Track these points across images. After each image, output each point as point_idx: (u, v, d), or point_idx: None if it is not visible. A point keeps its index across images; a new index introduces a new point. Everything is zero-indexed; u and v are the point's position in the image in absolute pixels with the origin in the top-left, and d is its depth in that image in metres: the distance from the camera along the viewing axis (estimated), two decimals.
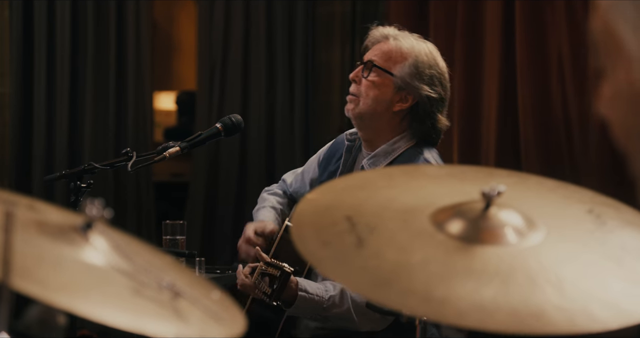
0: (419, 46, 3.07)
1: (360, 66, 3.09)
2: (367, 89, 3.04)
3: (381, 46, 3.08)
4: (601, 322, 1.43)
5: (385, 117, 3.05)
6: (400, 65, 3.03)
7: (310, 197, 1.74)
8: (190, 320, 1.36)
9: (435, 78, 3.04)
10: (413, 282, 1.47)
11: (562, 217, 1.67)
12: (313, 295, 2.87)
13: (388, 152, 3.04)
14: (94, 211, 1.39)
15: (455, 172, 1.90)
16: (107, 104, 5.96)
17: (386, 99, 3.04)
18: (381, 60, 3.05)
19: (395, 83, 3.03)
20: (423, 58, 3.04)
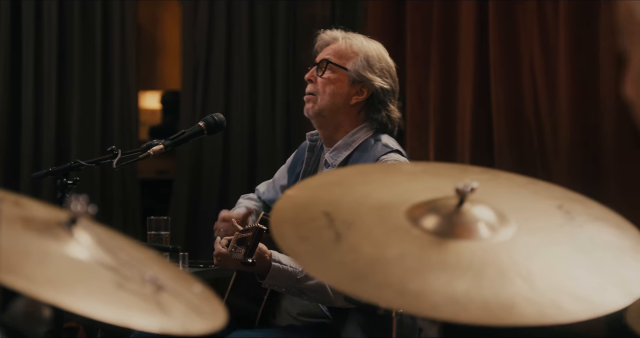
0: (367, 43, 3.15)
1: (314, 67, 3.14)
2: (323, 85, 3.09)
3: (332, 46, 3.15)
4: (570, 313, 1.44)
5: (344, 111, 3.10)
6: (353, 61, 3.09)
7: (290, 194, 1.74)
8: (173, 313, 1.36)
9: (385, 70, 3.11)
10: (389, 276, 1.47)
11: (532, 213, 1.68)
12: (287, 266, 2.88)
13: (348, 144, 3.08)
14: (78, 207, 1.39)
15: (429, 168, 1.90)
16: (94, 103, 5.94)
17: (343, 93, 3.09)
18: (334, 58, 3.11)
19: (350, 77, 3.08)
20: (372, 53, 3.11)
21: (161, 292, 1.39)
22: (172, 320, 1.34)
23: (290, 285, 2.90)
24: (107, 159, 2.96)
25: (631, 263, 1.57)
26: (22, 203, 1.47)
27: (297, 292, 2.93)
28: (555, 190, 1.79)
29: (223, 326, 1.46)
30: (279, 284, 2.90)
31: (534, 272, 1.50)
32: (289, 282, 2.89)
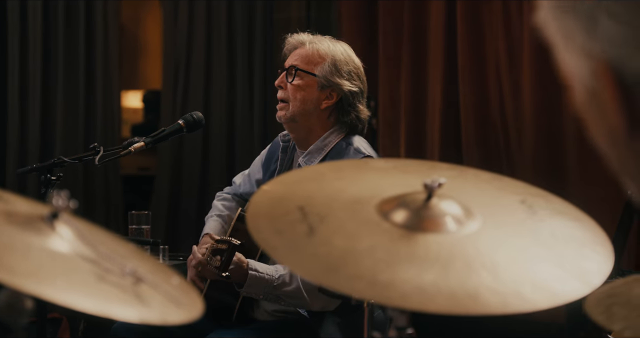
0: (334, 46, 3.10)
1: (283, 73, 3.10)
2: (294, 92, 3.06)
3: (299, 51, 3.10)
4: (532, 302, 1.44)
5: (315, 115, 3.08)
6: (321, 66, 3.06)
7: (265, 189, 1.74)
8: (152, 304, 1.36)
9: (352, 73, 3.08)
10: (360, 268, 1.47)
11: (497, 207, 1.68)
12: (263, 274, 2.87)
13: (320, 148, 3.06)
14: (59, 202, 1.38)
15: (399, 165, 1.90)
16: (77, 101, 5.92)
17: (313, 98, 3.06)
18: (302, 64, 3.07)
19: (319, 82, 3.05)
20: (340, 56, 3.07)
21: (140, 283, 1.38)
22: (151, 310, 1.34)
23: (267, 292, 2.90)
24: (89, 156, 2.95)
25: (590, 255, 1.58)
26: (5, 198, 1.46)
27: (274, 298, 2.93)
28: (518, 186, 1.79)
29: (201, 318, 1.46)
30: (257, 292, 2.90)
31: (498, 263, 1.50)
32: (266, 289, 2.89)
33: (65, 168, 2.91)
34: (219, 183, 6.10)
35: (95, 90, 5.98)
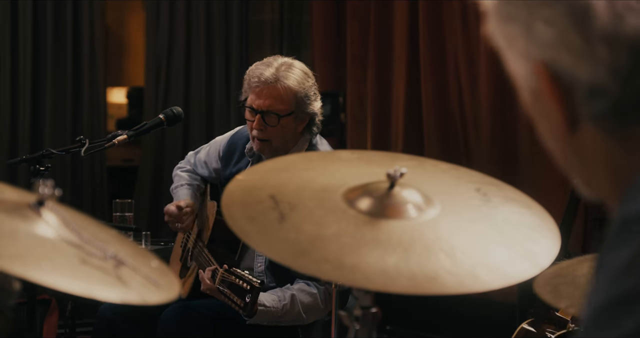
0: (298, 74, 2.96)
1: (258, 115, 2.95)
2: (275, 133, 2.96)
3: (272, 93, 2.93)
4: (486, 283, 1.45)
5: (291, 139, 3.03)
6: (293, 101, 2.94)
7: (240, 178, 1.73)
8: (132, 285, 1.35)
9: (314, 88, 3.00)
10: (327, 252, 1.47)
11: (454, 195, 1.69)
12: (270, 308, 2.86)
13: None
14: (45, 190, 1.37)
15: (364, 156, 1.90)
16: (65, 97, 5.88)
17: (291, 129, 2.99)
18: (280, 106, 2.93)
19: (295, 116, 2.97)
20: (305, 83, 2.96)
21: (121, 266, 1.37)
22: (132, 291, 1.33)
23: (272, 321, 2.91)
24: (76, 148, 2.92)
25: (539, 239, 1.59)
26: None
27: (277, 323, 2.94)
28: (474, 175, 1.80)
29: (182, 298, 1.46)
30: (262, 322, 2.90)
31: (455, 247, 1.51)
32: (272, 320, 2.91)
33: (53, 159, 2.89)
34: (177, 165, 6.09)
35: (82, 86, 5.95)
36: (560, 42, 0.92)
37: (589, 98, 0.92)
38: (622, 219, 0.85)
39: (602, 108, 0.91)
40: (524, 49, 0.96)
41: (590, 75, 0.91)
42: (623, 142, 0.93)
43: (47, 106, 5.80)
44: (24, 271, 1.21)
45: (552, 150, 1.01)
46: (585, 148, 0.96)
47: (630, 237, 0.82)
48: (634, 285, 0.80)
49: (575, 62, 0.91)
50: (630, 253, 0.81)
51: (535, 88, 0.97)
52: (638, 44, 0.89)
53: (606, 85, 0.90)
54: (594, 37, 0.90)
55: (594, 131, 0.94)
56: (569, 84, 0.93)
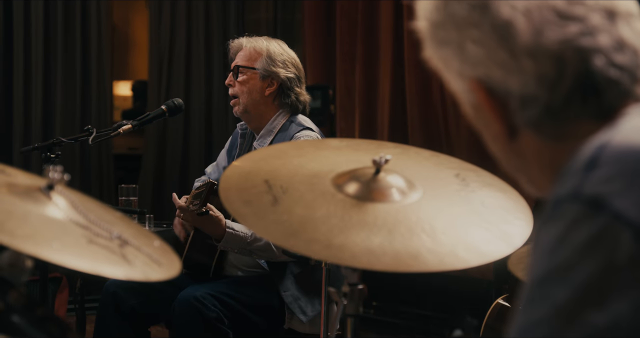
0: (268, 42, 3.11)
1: (230, 73, 3.12)
2: (241, 86, 3.07)
3: (240, 53, 3.11)
4: (464, 261, 1.45)
5: (262, 102, 3.07)
6: (259, 60, 3.06)
7: (236, 164, 1.73)
8: (135, 263, 1.35)
9: (287, 62, 3.08)
10: (317, 233, 1.47)
11: (435, 180, 1.69)
12: (238, 232, 2.87)
13: (270, 130, 3.07)
14: (55, 175, 1.36)
15: (351, 144, 1.90)
16: (74, 90, 5.86)
17: (257, 88, 3.06)
18: (243, 62, 3.08)
19: (259, 74, 3.06)
20: (273, 49, 3.08)
21: (126, 246, 1.37)
22: (135, 269, 1.33)
23: (242, 247, 2.90)
24: (84, 137, 2.91)
25: (513, 221, 1.59)
26: (8, 171, 1.44)
27: (248, 252, 2.93)
28: (453, 162, 1.80)
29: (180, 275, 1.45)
30: (232, 246, 2.90)
31: (436, 228, 1.51)
32: (241, 245, 2.89)
33: (63, 147, 2.88)
34: (198, 160, 6.10)
35: (90, 80, 5.93)
36: (489, 59, 0.94)
37: (522, 106, 0.94)
38: (552, 200, 0.86)
39: (535, 114, 0.93)
40: (459, 69, 0.99)
41: (520, 86, 0.93)
42: (559, 143, 0.95)
43: (57, 98, 5.78)
44: (35, 250, 1.21)
45: (497, 156, 1.03)
46: (525, 151, 0.98)
47: (560, 214, 0.83)
48: (564, 256, 0.81)
49: (505, 75, 0.93)
50: (560, 228, 0.82)
51: (474, 102, 0.99)
52: (559, 53, 0.91)
53: (536, 94, 0.92)
54: (518, 52, 0.92)
55: (532, 136, 0.96)
56: (503, 96, 0.95)
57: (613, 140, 0.86)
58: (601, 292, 0.79)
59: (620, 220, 0.79)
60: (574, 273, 0.80)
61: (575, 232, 0.81)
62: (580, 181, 0.83)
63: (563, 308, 0.80)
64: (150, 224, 3.58)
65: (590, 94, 0.91)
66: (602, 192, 0.81)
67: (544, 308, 0.81)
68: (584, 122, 0.93)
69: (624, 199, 0.80)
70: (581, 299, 0.79)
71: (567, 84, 0.91)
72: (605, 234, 0.80)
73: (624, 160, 0.83)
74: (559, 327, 0.79)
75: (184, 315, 2.82)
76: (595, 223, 0.80)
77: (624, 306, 0.78)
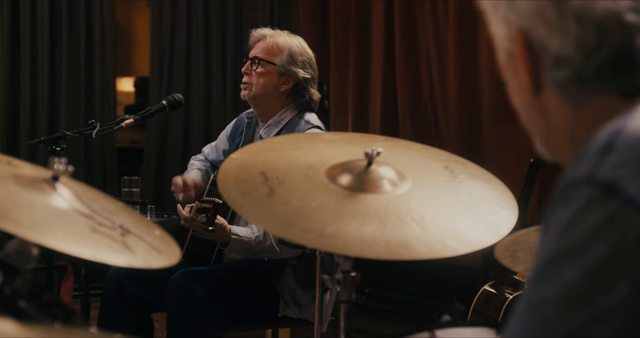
0: (290, 40, 3.05)
1: (248, 62, 3.05)
2: (257, 78, 3.02)
3: (261, 44, 3.05)
4: (453, 249, 1.45)
5: (274, 96, 3.04)
6: (279, 56, 3.01)
7: (233, 157, 1.72)
8: (137, 251, 1.34)
9: (306, 62, 3.04)
10: (312, 222, 1.46)
11: (425, 172, 1.68)
12: (243, 237, 2.86)
13: (278, 122, 3.04)
14: (60, 167, 1.36)
15: (344, 137, 1.89)
16: (79, 86, 5.85)
17: (273, 83, 3.02)
18: (264, 55, 3.02)
19: (278, 70, 3.01)
20: (295, 49, 3.03)
21: (128, 235, 1.37)
22: (137, 257, 1.33)
23: (246, 250, 2.90)
24: (88, 130, 2.90)
25: (499, 211, 1.59)
26: (14, 163, 1.43)
27: (252, 254, 2.93)
28: (442, 154, 1.80)
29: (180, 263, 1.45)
30: (237, 251, 2.90)
31: (425, 218, 1.51)
32: (246, 248, 2.89)
33: (68, 140, 2.86)
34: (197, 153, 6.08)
35: (94, 76, 5.91)
36: (537, 13, 0.93)
37: (553, 65, 0.92)
38: (565, 183, 0.85)
39: (564, 76, 0.92)
40: (505, 15, 0.96)
41: (559, 46, 0.91)
42: (578, 109, 0.93)
43: (63, 94, 5.77)
44: (41, 238, 1.21)
45: (518, 108, 1.02)
46: (546, 109, 0.96)
47: (572, 197, 0.82)
48: (575, 238, 0.80)
49: (548, 32, 0.92)
50: (572, 210, 0.81)
51: (510, 50, 0.97)
52: (605, 24, 0.90)
53: (571, 57, 0.91)
54: (567, 13, 0.91)
55: (555, 96, 0.94)
56: (539, 50, 0.93)
57: (629, 126, 0.85)
58: (610, 275, 0.78)
59: (631, 205, 0.79)
60: (584, 255, 0.79)
61: (587, 215, 0.80)
62: (594, 165, 0.82)
63: (572, 289, 0.79)
64: (151, 214, 3.57)
65: (622, 69, 0.90)
66: (615, 177, 0.80)
67: (554, 288, 0.80)
68: (607, 96, 0.91)
69: (635, 185, 0.79)
70: (590, 281, 0.79)
71: (603, 55, 0.90)
72: (616, 218, 0.79)
73: (637, 147, 0.82)
74: (566, 307, 0.79)
75: (175, 293, 2.81)
76: (607, 207, 0.79)
77: (629, 289, 0.78)
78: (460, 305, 3.90)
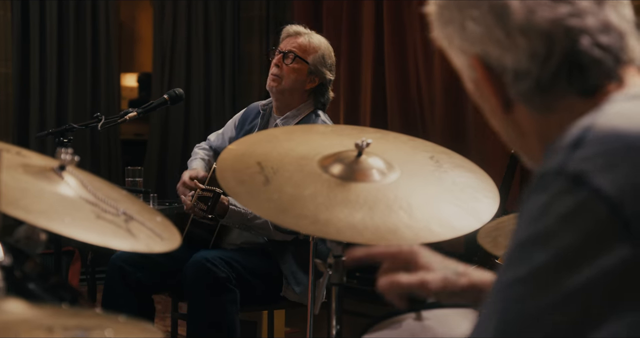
0: (323, 41, 3.05)
1: (280, 54, 3.01)
2: (289, 72, 2.99)
3: (296, 40, 3.01)
4: (438, 234, 1.45)
5: (300, 92, 3.02)
6: (313, 56, 2.99)
7: (231, 147, 1.72)
8: (139, 236, 1.34)
9: (332, 65, 3.04)
10: (305, 209, 1.46)
11: (411, 162, 1.68)
12: (240, 209, 2.86)
13: (296, 115, 3.03)
14: (66, 157, 1.35)
15: (336, 129, 1.89)
16: (85, 81, 5.83)
17: (302, 80, 3.00)
18: (299, 51, 2.99)
19: (309, 69, 2.99)
20: (326, 51, 3.02)
21: (131, 221, 1.36)
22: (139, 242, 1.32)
23: (242, 223, 2.89)
24: (94, 123, 2.88)
25: (481, 199, 1.59)
26: (23, 153, 1.43)
27: (247, 228, 2.92)
28: (428, 145, 1.80)
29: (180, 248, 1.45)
30: (234, 222, 2.89)
31: (412, 205, 1.51)
32: (242, 221, 2.88)
33: (75, 133, 2.84)
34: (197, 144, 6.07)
35: (99, 72, 5.89)
36: (486, 37, 0.94)
37: (515, 80, 0.94)
38: (539, 174, 0.86)
39: (526, 88, 0.93)
40: (460, 45, 0.98)
41: (514, 62, 0.93)
42: (546, 115, 0.95)
43: (70, 89, 5.75)
44: (48, 224, 1.21)
45: (496, 129, 1.03)
46: (519, 123, 0.98)
47: (545, 187, 0.84)
48: (546, 224, 0.82)
49: (501, 52, 0.93)
50: (544, 199, 0.83)
51: (474, 78, 0.99)
52: (549, 32, 0.91)
53: (528, 69, 0.92)
54: (513, 30, 0.92)
55: (524, 108, 0.96)
56: (499, 71, 0.95)
57: (597, 122, 0.86)
58: (577, 257, 0.80)
59: (599, 195, 0.80)
60: (554, 240, 0.81)
61: (558, 203, 0.82)
62: (565, 158, 0.84)
63: (542, 271, 0.81)
64: (154, 202, 3.57)
65: (575, 71, 0.91)
66: (584, 170, 0.82)
67: (525, 269, 0.82)
68: (569, 98, 0.93)
69: (603, 177, 0.81)
70: (559, 263, 0.80)
71: (556, 61, 0.91)
72: (584, 207, 0.80)
73: (605, 142, 0.84)
74: (536, 286, 0.81)
75: (196, 275, 2.81)
76: (576, 196, 0.81)
77: (595, 271, 0.79)
78: None
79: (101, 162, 5.85)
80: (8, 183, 1.21)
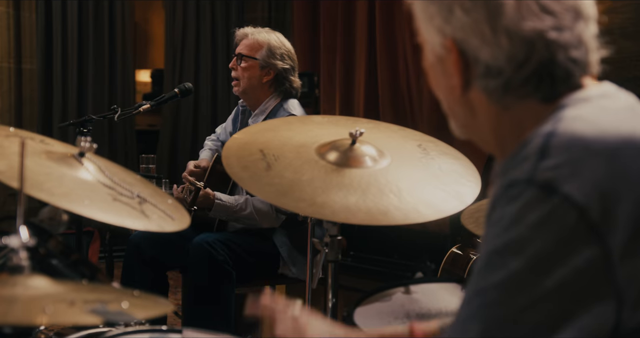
0: (269, 36, 3.02)
1: (234, 58, 3.04)
2: (242, 72, 3.00)
3: (244, 41, 3.03)
4: (425, 216, 1.46)
5: (259, 87, 3.01)
6: (260, 51, 2.98)
7: (236, 136, 1.72)
8: (152, 217, 1.34)
9: (285, 55, 3.00)
10: (303, 193, 1.46)
11: (401, 149, 1.68)
12: (225, 202, 2.85)
13: (263, 111, 3.02)
14: (85, 145, 1.35)
15: (332, 120, 1.89)
16: (103, 77, 5.81)
17: (256, 76, 2.99)
18: (246, 51, 3.00)
19: (259, 64, 2.98)
20: (273, 43, 2.99)
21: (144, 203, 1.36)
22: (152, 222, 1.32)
23: (229, 215, 2.88)
24: (111, 115, 2.88)
25: (465, 183, 1.59)
26: (47, 141, 1.42)
27: (234, 219, 2.91)
28: (417, 134, 1.80)
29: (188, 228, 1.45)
30: (220, 215, 2.88)
31: (401, 189, 1.51)
32: (228, 213, 2.87)
33: (94, 123, 2.83)
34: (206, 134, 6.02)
35: (116, 68, 5.87)
36: (472, 28, 0.92)
37: (485, 74, 0.92)
38: (508, 182, 0.84)
39: (494, 85, 0.92)
40: (440, 26, 0.95)
41: (491, 58, 0.91)
42: (503, 110, 0.94)
43: (89, 84, 5.73)
44: (70, 206, 1.21)
45: (441, 98, 1.02)
46: (473, 105, 0.96)
47: (516, 195, 0.82)
48: (519, 233, 0.80)
49: (480, 45, 0.91)
50: (516, 208, 0.81)
51: (441, 55, 0.96)
52: (532, 41, 0.89)
53: (503, 68, 0.91)
54: (500, 30, 0.90)
55: (482, 95, 0.94)
56: (472, 59, 0.93)
57: (558, 129, 0.85)
58: (548, 261, 0.79)
59: (569, 202, 0.79)
60: (528, 247, 0.79)
61: (529, 212, 0.80)
62: (533, 167, 0.82)
63: (515, 276, 0.79)
64: (165, 187, 3.56)
65: (547, 80, 0.90)
66: (553, 178, 0.80)
67: (499, 276, 0.80)
68: (529, 101, 0.91)
69: (571, 184, 0.80)
70: (531, 268, 0.79)
71: (531, 68, 0.90)
72: (556, 213, 0.79)
73: (570, 149, 0.82)
74: (511, 291, 0.80)
75: (197, 256, 2.81)
76: (548, 204, 0.80)
77: (566, 272, 0.78)
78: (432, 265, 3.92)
79: (118, 150, 5.85)
80: (33, 169, 1.20)
